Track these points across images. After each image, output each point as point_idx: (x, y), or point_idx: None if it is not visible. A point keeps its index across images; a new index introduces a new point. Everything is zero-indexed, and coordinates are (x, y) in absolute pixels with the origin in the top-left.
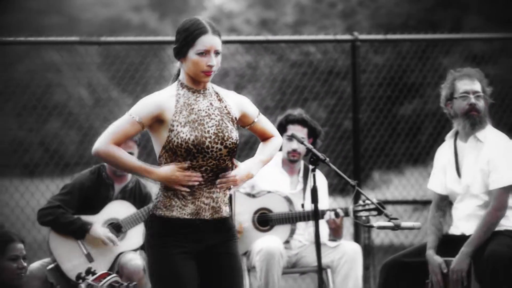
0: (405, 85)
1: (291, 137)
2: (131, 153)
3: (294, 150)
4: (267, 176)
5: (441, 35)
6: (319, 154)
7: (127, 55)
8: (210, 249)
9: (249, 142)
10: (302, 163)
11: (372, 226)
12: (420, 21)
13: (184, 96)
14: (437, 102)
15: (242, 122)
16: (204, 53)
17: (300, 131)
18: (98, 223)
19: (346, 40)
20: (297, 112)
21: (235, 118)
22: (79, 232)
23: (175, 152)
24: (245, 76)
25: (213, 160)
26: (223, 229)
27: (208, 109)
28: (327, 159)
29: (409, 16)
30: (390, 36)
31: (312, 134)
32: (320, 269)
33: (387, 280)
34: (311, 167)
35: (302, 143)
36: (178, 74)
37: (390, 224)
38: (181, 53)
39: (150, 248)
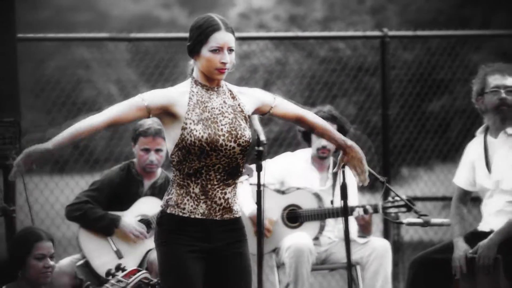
0: (434, 81)
1: None
2: (160, 150)
3: (324, 147)
4: (297, 173)
5: (470, 31)
6: None
7: (157, 52)
8: (220, 249)
9: (279, 139)
10: (331, 159)
11: (401, 223)
12: (449, 17)
13: (198, 94)
14: (466, 98)
15: (262, 111)
16: (218, 50)
17: None
18: (127, 217)
19: (375, 36)
20: (327, 108)
21: (248, 116)
22: (108, 228)
23: (189, 150)
24: (274, 73)
25: (226, 159)
26: (233, 229)
27: (222, 107)
28: None
29: (439, 12)
30: (419, 33)
31: (342, 131)
32: (350, 266)
33: (416, 277)
34: None
35: None
36: (192, 73)
37: (419, 220)
38: (194, 51)
39: (160, 245)
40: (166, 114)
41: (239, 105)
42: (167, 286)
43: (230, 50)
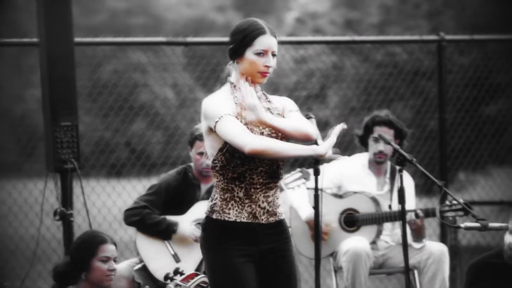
0: (491, 85)
1: (378, 139)
2: (203, 153)
3: (381, 152)
4: (354, 177)
5: None
6: (406, 154)
7: (213, 56)
8: (267, 252)
9: (335, 144)
10: (389, 164)
11: (459, 227)
12: (506, 21)
13: (239, 98)
14: None
15: None
16: (262, 53)
17: (386, 133)
18: (184, 222)
19: (432, 41)
20: (384, 113)
21: (283, 117)
22: (166, 233)
23: (233, 154)
24: (331, 77)
25: (268, 161)
26: (278, 231)
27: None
28: (414, 159)
29: (496, 16)
30: (476, 36)
31: (399, 135)
32: (407, 270)
33: (473, 281)
34: (398, 167)
35: (389, 144)
36: (229, 77)
37: (477, 224)
38: (237, 53)
39: (208, 250)
40: None
41: (275, 108)
42: None
43: (273, 54)
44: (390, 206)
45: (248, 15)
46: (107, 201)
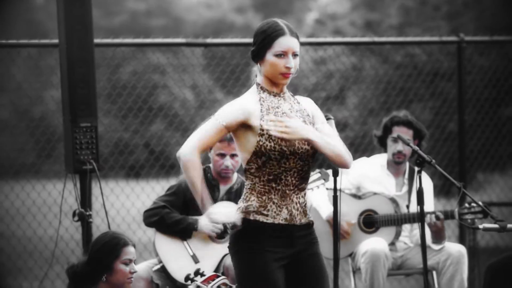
0: (511, 86)
1: (396, 139)
2: (235, 155)
3: (399, 152)
4: (373, 178)
5: None
6: (425, 155)
7: (232, 57)
8: (299, 252)
9: (354, 144)
10: (407, 164)
11: (478, 228)
12: None
13: (267, 100)
14: None
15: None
16: (282, 54)
17: (405, 133)
18: (204, 220)
19: (452, 42)
20: (403, 114)
21: (313, 119)
22: (186, 232)
23: (269, 156)
24: (350, 78)
25: (301, 161)
26: (309, 232)
27: (290, 112)
28: (433, 160)
29: None
30: (496, 38)
31: (418, 136)
32: (426, 271)
33: (492, 282)
34: (417, 168)
35: (408, 144)
36: (256, 78)
37: (496, 226)
38: (259, 56)
39: (242, 251)
40: (242, 126)
41: (304, 109)
42: None
43: (295, 55)
44: (407, 206)
45: (268, 16)
46: (126, 202)
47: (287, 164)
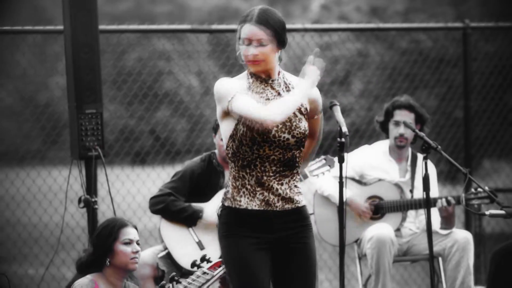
0: None
1: (398, 122)
2: None
3: (401, 135)
4: (376, 165)
5: None
6: (431, 142)
7: None
8: (284, 239)
9: (359, 131)
10: (410, 150)
11: (484, 214)
12: None
13: (253, 85)
14: None
15: (311, 114)
16: (246, 42)
17: (407, 116)
18: (209, 209)
19: (457, 28)
20: (404, 98)
21: (306, 108)
22: (191, 220)
23: (241, 141)
24: (355, 64)
25: (280, 149)
26: (297, 219)
27: (275, 99)
28: (439, 146)
29: None
30: (502, 24)
31: (420, 120)
32: (432, 257)
33: (497, 269)
34: (422, 155)
35: (413, 130)
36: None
37: (502, 212)
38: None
39: (222, 237)
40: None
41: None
42: (232, 276)
43: (261, 44)
44: (411, 191)
45: (273, 2)
46: (132, 188)
47: (260, 151)
